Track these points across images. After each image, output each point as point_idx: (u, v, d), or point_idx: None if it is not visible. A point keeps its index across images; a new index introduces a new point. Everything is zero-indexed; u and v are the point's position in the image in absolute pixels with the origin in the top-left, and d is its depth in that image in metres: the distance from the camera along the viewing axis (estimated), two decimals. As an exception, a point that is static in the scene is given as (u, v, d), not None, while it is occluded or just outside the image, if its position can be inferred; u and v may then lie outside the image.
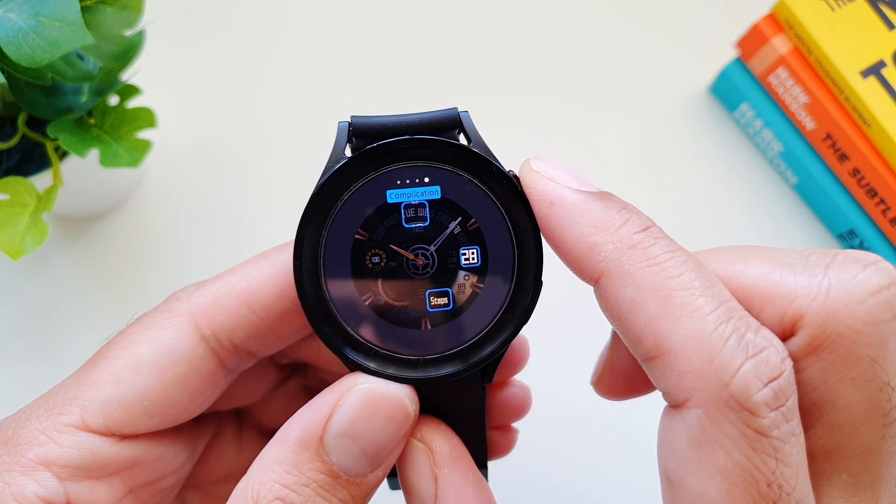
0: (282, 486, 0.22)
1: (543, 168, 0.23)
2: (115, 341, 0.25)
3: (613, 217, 0.21)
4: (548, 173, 0.23)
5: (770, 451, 0.18)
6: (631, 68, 0.53)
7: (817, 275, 0.20)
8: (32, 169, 0.40)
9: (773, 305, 0.20)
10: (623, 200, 0.22)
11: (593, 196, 0.22)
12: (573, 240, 0.21)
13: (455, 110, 0.24)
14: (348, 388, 0.23)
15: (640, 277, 0.20)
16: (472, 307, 0.24)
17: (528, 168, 0.23)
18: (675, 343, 0.19)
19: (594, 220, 0.21)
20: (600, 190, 0.22)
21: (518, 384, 0.31)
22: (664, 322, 0.19)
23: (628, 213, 0.21)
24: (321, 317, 0.23)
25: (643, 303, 0.20)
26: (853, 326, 0.19)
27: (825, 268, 0.20)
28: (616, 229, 0.21)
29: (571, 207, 0.22)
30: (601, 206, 0.22)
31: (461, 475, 0.23)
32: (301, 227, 0.23)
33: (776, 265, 0.21)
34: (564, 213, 0.22)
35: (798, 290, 0.20)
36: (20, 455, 0.23)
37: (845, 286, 0.20)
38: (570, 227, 0.21)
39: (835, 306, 0.20)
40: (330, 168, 0.23)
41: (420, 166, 0.23)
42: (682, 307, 0.19)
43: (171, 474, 0.27)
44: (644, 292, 0.20)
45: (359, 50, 0.53)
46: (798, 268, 0.21)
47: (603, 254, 0.21)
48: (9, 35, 0.32)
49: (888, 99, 0.45)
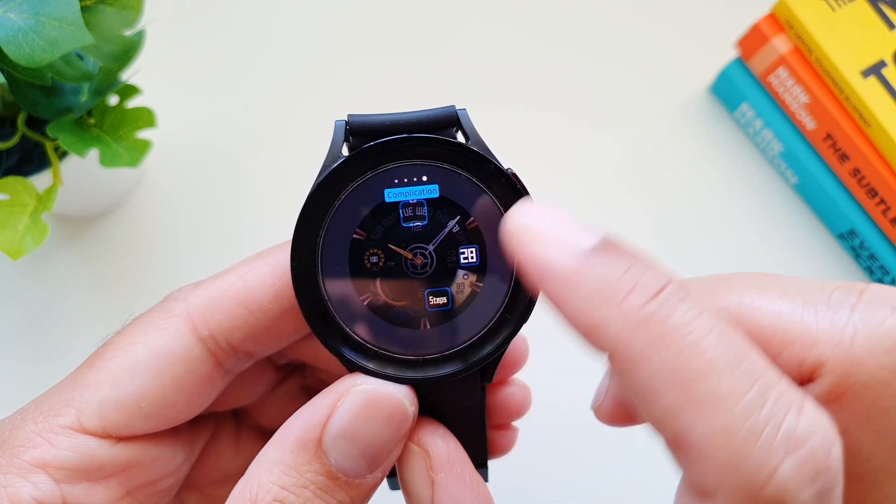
0: (280, 487, 0.22)
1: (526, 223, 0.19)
2: (111, 342, 0.25)
3: (616, 284, 0.17)
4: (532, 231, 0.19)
5: None
6: (631, 68, 0.53)
7: (841, 317, 0.19)
8: (32, 169, 0.40)
9: (793, 349, 0.19)
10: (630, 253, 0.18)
11: (592, 256, 0.18)
12: (573, 315, 0.18)
13: (453, 108, 0.23)
14: (347, 388, 0.23)
15: (654, 362, 0.17)
16: (471, 306, 0.24)
17: (507, 230, 0.19)
18: (698, 438, 0.16)
19: (594, 289, 0.18)
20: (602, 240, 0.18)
21: (518, 383, 0.31)
22: (686, 414, 0.16)
23: (637, 274, 0.18)
24: (319, 317, 0.23)
25: (661, 390, 0.17)
26: (879, 377, 0.18)
27: (850, 309, 0.19)
28: (621, 301, 0.17)
29: (564, 279, 0.18)
30: (602, 269, 0.18)
31: (457, 479, 0.23)
32: (298, 227, 0.23)
33: (796, 303, 0.19)
34: (558, 284, 0.18)
35: (820, 335, 0.18)
36: (16, 457, 0.23)
37: (872, 332, 0.18)
38: (568, 301, 0.18)
39: (860, 354, 0.18)
40: (327, 167, 0.23)
41: (418, 165, 0.23)
42: (705, 396, 0.16)
43: (169, 475, 0.27)
44: (661, 378, 0.17)
45: (359, 51, 0.53)
46: (820, 307, 0.19)
47: (608, 333, 0.17)
48: (9, 35, 0.32)
49: (888, 99, 0.45)
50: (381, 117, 0.23)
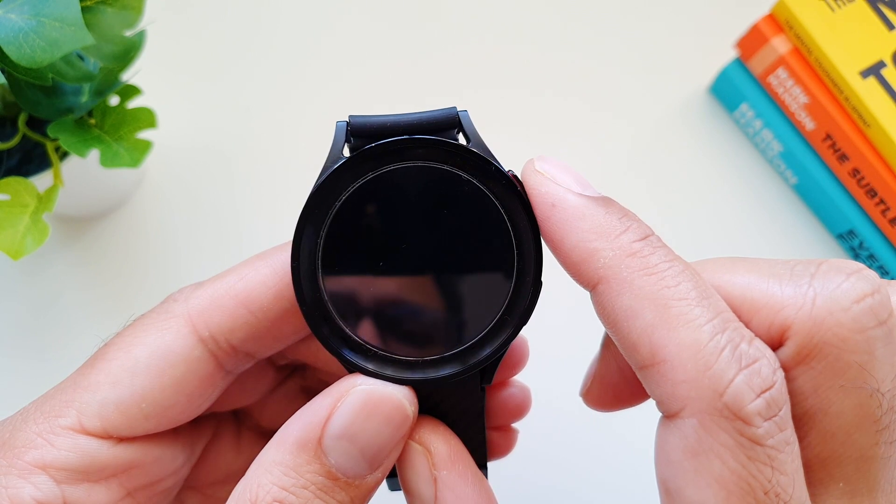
0: (280, 487, 0.22)
1: (547, 169, 0.22)
2: (112, 343, 0.25)
3: (614, 224, 0.21)
4: (551, 175, 0.22)
5: (765, 459, 0.18)
6: (630, 68, 0.53)
7: (802, 284, 0.20)
8: (33, 169, 0.40)
9: (761, 316, 0.21)
10: (624, 207, 0.22)
11: (595, 201, 0.22)
12: (573, 244, 0.21)
13: (454, 109, 0.23)
14: (346, 389, 0.23)
15: (637, 285, 0.20)
16: (471, 308, 0.24)
17: (530, 168, 0.23)
18: (670, 352, 0.19)
19: (595, 225, 0.21)
20: (603, 195, 0.22)
21: (517, 384, 0.31)
22: (660, 331, 0.19)
23: (629, 221, 0.21)
24: (319, 318, 0.23)
25: (640, 311, 0.20)
26: (839, 334, 0.20)
27: (810, 277, 0.21)
28: (616, 236, 0.21)
29: (573, 211, 0.21)
30: (602, 211, 0.21)
31: (460, 476, 0.23)
32: (299, 228, 0.23)
33: (762, 275, 0.21)
34: (566, 216, 0.22)
35: (784, 300, 0.20)
36: (17, 458, 0.23)
37: (830, 295, 0.20)
38: (571, 230, 0.21)
39: (820, 315, 0.20)
40: (328, 168, 0.23)
41: (419, 166, 0.23)
42: (678, 317, 0.19)
43: (170, 476, 0.27)
44: (641, 300, 0.20)
45: (360, 53, 0.53)
46: (784, 278, 0.21)
47: (602, 260, 0.21)
48: (9, 35, 0.32)
49: (888, 99, 0.45)
50: (383, 118, 0.23)
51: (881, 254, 0.48)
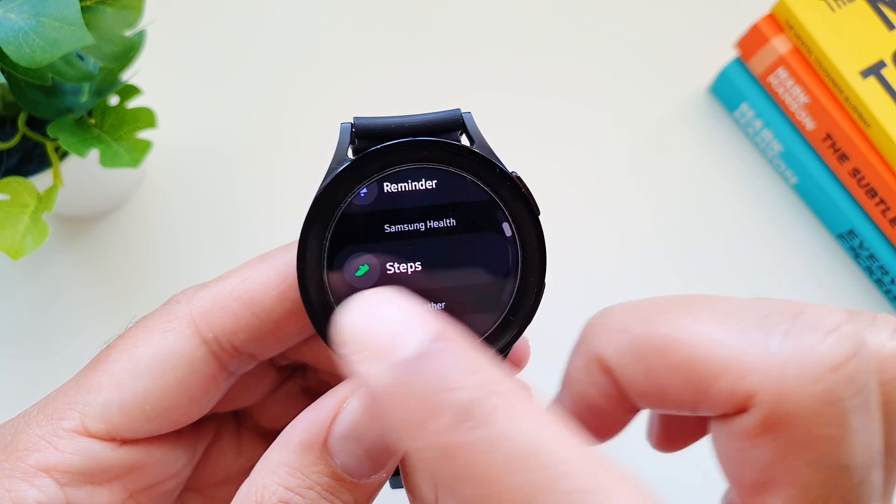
0: (286, 488, 0.22)
1: (349, 330, 0.16)
2: (114, 345, 0.25)
3: (427, 403, 0.15)
4: (354, 338, 0.16)
5: None
6: (630, 68, 0.53)
7: (772, 344, 0.18)
8: (32, 169, 0.40)
9: (724, 380, 0.19)
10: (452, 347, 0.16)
11: (407, 367, 0.15)
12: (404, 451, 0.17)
13: (458, 111, 0.23)
14: (352, 390, 0.23)
15: (463, 498, 0.15)
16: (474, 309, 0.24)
17: (334, 336, 0.17)
18: None
19: (406, 415, 0.15)
20: (425, 339, 0.16)
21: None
22: None
23: (443, 391, 0.15)
24: (325, 319, 0.23)
25: None
26: (810, 407, 0.18)
27: (782, 336, 0.18)
28: (428, 427, 0.15)
29: (382, 400, 0.16)
30: (415, 386, 0.15)
31: None
32: (305, 230, 0.23)
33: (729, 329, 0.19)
34: (380, 411, 0.16)
35: (751, 365, 0.18)
36: (20, 461, 0.23)
37: (803, 361, 0.18)
38: (390, 433, 0.16)
39: (789, 385, 0.18)
40: (333, 170, 0.23)
41: (423, 168, 0.23)
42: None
43: (172, 478, 0.27)
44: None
45: (361, 53, 0.53)
46: (753, 333, 0.19)
47: (426, 467, 0.16)
48: (9, 35, 0.32)
49: (888, 99, 0.45)
50: (387, 120, 0.23)
51: (881, 254, 0.48)
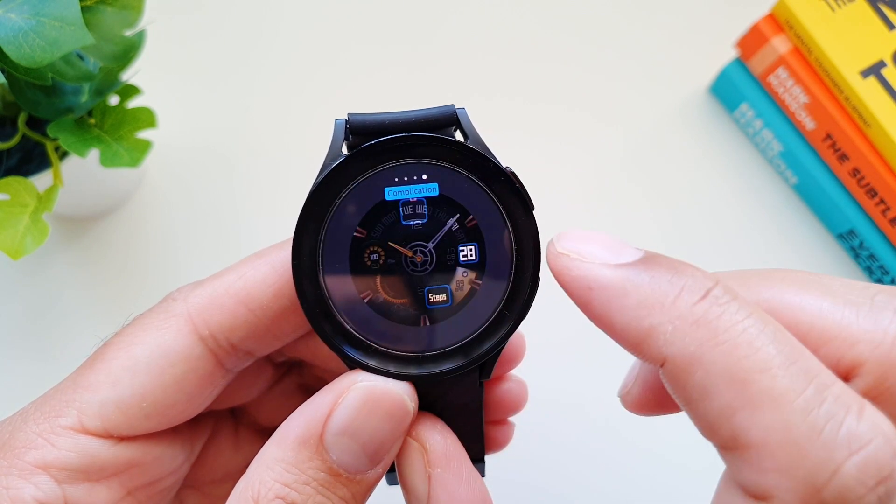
0: (282, 484, 0.22)
1: (570, 248, 0.20)
2: (111, 343, 0.25)
3: (664, 289, 0.18)
4: (577, 252, 0.19)
5: None
6: (631, 68, 0.53)
7: (883, 319, 0.18)
8: (33, 169, 0.40)
9: (831, 347, 0.18)
10: (671, 261, 0.19)
11: (635, 268, 0.19)
12: (623, 325, 0.18)
13: (452, 107, 0.24)
14: (347, 386, 0.23)
15: (709, 361, 0.17)
16: (470, 304, 0.24)
17: (553, 253, 0.20)
18: (756, 437, 0.16)
19: (643, 298, 0.18)
20: (642, 254, 0.19)
21: (514, 379, 0.31)
22: (742, 413, 0.16)
23: (681, 279, 0.18)
24: (320, 315, 0.23)
25: (716, 391, 0.17)
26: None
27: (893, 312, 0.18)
28: (671, 305, 0.18)
29: (613, 289, 0.18)
30: (647, 278, 0.18)
31: (454, 475, 0.23)
32: (299, 226, 0.23)
33: (837, 302, 0.19)
34: (607, 296, 0.19)
35: (860, 335, 0.18)
36: (17, 458, 0.23)
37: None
38: (619, 312, 0.18)
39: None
40: (327, 166, 0.23)
41: (418, 163, 0.23)
42: (762, 394, 0.16)
43: (170, 475, 0.27)
44: (716, 378, 0.17)
45: (358, 52, 0.53)
46: (862, 307, 0.19)
47: (662, 337, 0.18)
48: (9, 35, 0.32)
49: (888, 99, 0.45)
50: (381, 116, 0.23)
51: (881, 254, 0.48)
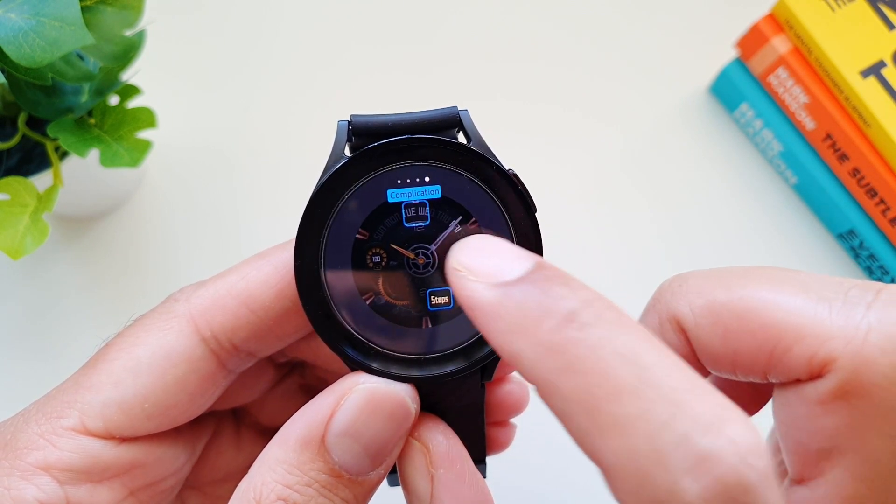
0: (284, 486, 0.22)
1: (463, 262, 0.19)
2: (113, 343, 0.25)
3: (531, 313, 0.17)
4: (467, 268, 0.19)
5: None
6: (630, 68, 0.53)
7: (856, 314, 0.18)
8: (32, 169, 0.40)
9: (804, 344, 0.19)
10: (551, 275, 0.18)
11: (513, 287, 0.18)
12: (498, 350, 0.18)
13: (455, 109, 0.24)
14: (349, 387, 0.23)
15: (563, 388, 0.17)
16: None
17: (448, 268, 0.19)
18: (607, 462, 0.16)
19: (511, 322, 0.17)
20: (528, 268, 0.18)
21: (516, 380, 0.31)
22: (594, 438, 0.17)
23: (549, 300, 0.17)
24: (322, 316, 0.23)
25: (572, 417, 0.17)
26: (891, 376, 0.18)
27: (866, 307, 0.19)
28: (534, 329, 0.17)
29: (488, 312, 0.18)
30: (517, 300, 0.17)
31: (457, 475, 0.23)
32: (302, 227, 0.23)
33: (811, 298, 0.19)
34: (484, 319, 0.18)
35: (833, 331, 0.18)
36: (19, 459, 0.23)
37: (886, 331, 0.18)
38: (491, 335, 0.18)
39: (872, 353, 0.18)
40: (330, 168, 0.23)
41: (420, 165, 0.23)
42: (609, 422, 0.16)
43: (171, 475, 0.27)
44: (570, 405, 0.17)
45: (359, 53, 0.53)
46: (836, 303, 0.19)
47: (526, 363, 0.17)
48: (9, 35, 0.32)
49: (888, 99, 0.45)
50: (384, 118, 0.23)
51: (881, 254, 0.48)
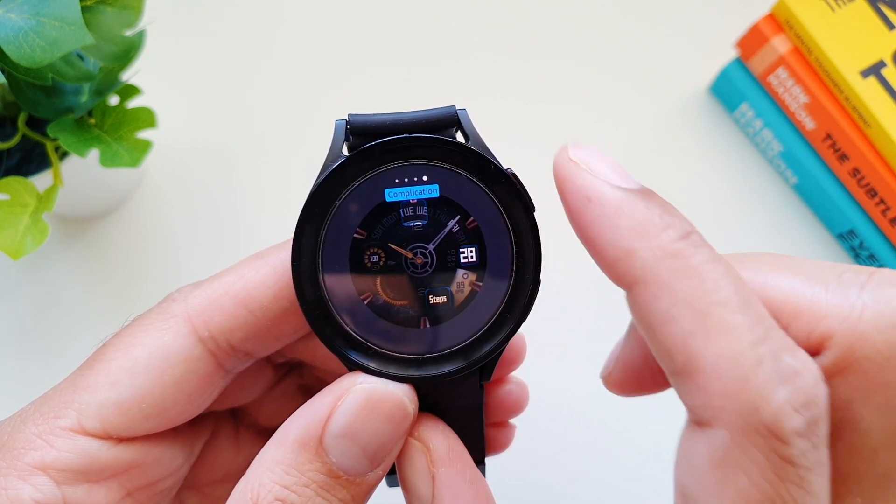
0: (282, 486, 0.22)
1: (582, 158, 0.21)
2: (111, 343, 0.25)
3: (654, 221, 0.20)
4: (587, 164, 0.21)
5: (796, 479, 0.18)
6: (631, 68, 0.53)
7: (851, 294, 0.19)
8: (33, 169, 0.40)
9: (802, 322, 0.20)
10: (664, 201, 0.20)
11: (634, 195, 0.20)
12: (609, 242, 0.20)
13: (453, 108, 0.23)
14: (347, 388, 0.23)
15: (676, 289, 0.19)
16: (470, 305, 0.24)
17: (563, 157, 0.21)
18: (707, 362, 0.18)
19: (634, 222, 0.20)
20: (642, 187, 0.21)
21: (515, 381, 0.31)
22: (698, 339, 0.18)
23: (670, 217, 0.20)
24: (320, 317, 0.23)
25: (677, 316, 0.18)
26: (883, 351, 0.19)
27: (860, 287, 0.20)
28: (656, 235, 0.19)
29: (611, 207, 0.20)
30: (642, 206, 0.20)
31: (458, 474, 0.23)
32: (299, 227, 0.23)
33: (808, 279, 0.20)
34: (602, 212, 0.20)
35: (829, 309, 0.19)
36: (16, 459, 0.23)
37: (880, 309, 0.19)
38: (608, 228, 0.20)
39: (866, 329, 0.19)
40: (328, 167, 0.23)
41: (418, 165, 0.23)
42: (717, 325, 0.18)
43: (169, 476, 0.27)
44: (679, 306, 0.19)
45: (360, 53, 0.53)
46: (831, 284, 0.20)
47: (640, 261, 0.19)
48: (9, 35, 0.32)
49: (888, 99, 0.45)
50: (382, 117, 0.23)
51: (881, 254, 0.48)
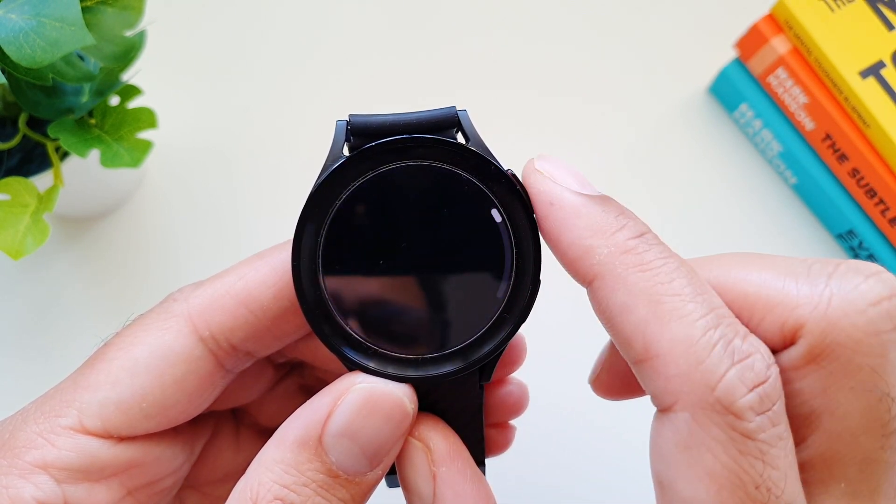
0: (281, 486, 0.22)
1: (546, 168, 0.23)
2: (112, 343, 0.25)
3: (610, 221, 0.21)
4: (550, 173, 0.23)
5: (756, 453, 0.19)
6: (630, 68, 0.53)
7: (819, 284, 0.20)
8: (33, 169, 0.40)
9: (775, 314, 0.20)
10: (622, 206, 0.22)
11: (592, 199, 0.22)
12: (569, 241, 0.22)
13: (453, 109, 0.24)
14: (347, 387, 0.23)
15: (631, 282, 0.20)
16: (470, 306, 0.24)
17: (531, 168, 0.23)
18: (663, 347, 0.19)
19: (591, 223, 0.22)
20: (600, 193, 0.23)
21: (515, 382, 0.31)
22: (653, 326, 0.20)
23: (625, 219, 0.22)
24: (320, 317, 0.23)
25: (633, 307, 0.20)
26: (853, 336, 0.19)
27: (827, 277, 0.20)
28: (612, 234, 0.21)
29: (570, 209, 0.22)
30: (599, 209, 0.22)
31: (459, 473, 0.23)
32: (299, 227, 0.23)
33: (778, 273, 0.21)
34: (563, 214, 0.22)
35: (799, 299, 0.20)
36: (17, 458, 0.23)
37: (846, 296, 0.20)
38: (568, 228, 0.22)
39: (835, 315, 0.20)
40: (328, 167, 0.23)
41: (418, 165, 0.23)
42: (671, 312, 0.20)
43: (170, 475, 0.27)
44: (635, 296, 0.20)
45: (360, 53, 0.53)
46: (800, 276, 0.21)
47: (597, 257, 0.21)
48: (9, 35, 0.32)
49: (887, 99, 0.45)
50: (383, 118, 0.23)
51: (881, 254, 0.48)
